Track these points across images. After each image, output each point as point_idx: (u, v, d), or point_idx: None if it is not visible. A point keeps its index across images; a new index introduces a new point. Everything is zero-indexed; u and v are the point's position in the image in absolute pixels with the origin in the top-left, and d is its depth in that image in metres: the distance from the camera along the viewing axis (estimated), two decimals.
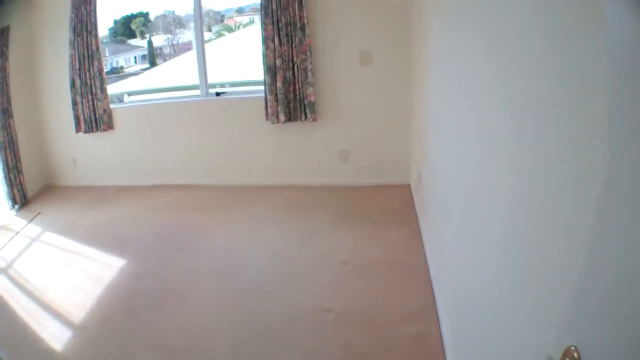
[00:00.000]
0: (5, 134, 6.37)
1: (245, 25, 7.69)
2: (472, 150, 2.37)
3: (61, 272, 4.68)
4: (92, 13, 5.98)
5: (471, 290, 2.34)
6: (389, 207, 5.05)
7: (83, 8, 5.92)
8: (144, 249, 4.82)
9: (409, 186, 5.42)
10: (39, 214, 6.25)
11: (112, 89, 8.40)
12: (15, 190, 6.54)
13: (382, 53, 5.19)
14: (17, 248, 5.53)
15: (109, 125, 6.33)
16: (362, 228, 4.66)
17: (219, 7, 7.85)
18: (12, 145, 6.47)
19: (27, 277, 4.76)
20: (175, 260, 4.52)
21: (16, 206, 6.51)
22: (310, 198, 5.43)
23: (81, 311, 3.98)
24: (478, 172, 2.24)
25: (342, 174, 5.62)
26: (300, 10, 5.01)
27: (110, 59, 9.47)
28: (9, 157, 6.43)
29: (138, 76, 9.24)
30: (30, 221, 6.08)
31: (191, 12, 5.89)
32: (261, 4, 5.13)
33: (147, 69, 9.42)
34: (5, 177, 6.42)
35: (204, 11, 6.04)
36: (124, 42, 9.34)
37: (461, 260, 2.61)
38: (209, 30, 8.04)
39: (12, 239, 5.75)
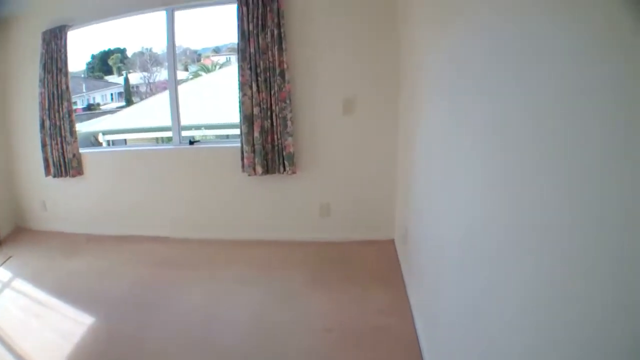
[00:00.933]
0: None
1: (222, 66, 7.49)
2: (471, 206, 2.13)
3: (31, 325, 4.38)
4: (63, 50, 5.74)
5: None
6: (372, 265, 4.74)
7: (54, 43, 5.71)
8: (115, 305, 4.52)
9: (393, 242, 5.12)
10: (10, 257, 5.98)
11: (87, 126, 8.14)
12: None
13: (366, 101, 4.92)
14: None
15: (78, 171, 6.06)
16: (345, 289, 4.33)
17: (196, 45, 7.62)
18: None
19: None
20: (148, 321, 4.21)
21: None
22: (289, 254, 5.08)
23: None
24: (479, 227, 2.00)
25: (322, 228, 5.28)
26: (280, 55, 4.72)
27: (86, 95, 9.22)
28: None
29: (114, 114, 9.02)
30: (1, 264, 5.81)
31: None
32: (238, 46, 4.84)
33: (123, 107, 9.19)
34: None
35: (180, 50, 5.75)
36: (101, 78, 9.07)
37: (460, 334, 2.30)
38: (186, 69, 7.83)
39: None
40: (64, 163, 6.03)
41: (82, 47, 6.16)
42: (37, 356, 3.87)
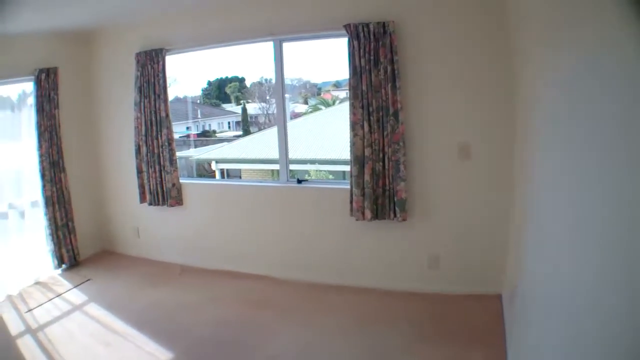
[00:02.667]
0: (55, 188, 6.21)
1: (342, 101, 7.34)
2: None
3: (97, 353, 4.28)
4: (161, 75, 5.70)
5: None
6: (475, 322, 4.31)
7: (150, 67, 5.71)
8: (197, 345, 4.29)
9: (500, 298, 4.64)
10: (88, 279, 5.98)
11: (200, 153, 8.23)
12: (64, 250, 6.34)
13: (481, 147, 4.55)
14: (54, 311, 5.23)
15: (177, 201, 6.00)
16: (444, 349, 3.94)
17: (317, 79, 7.52)
18: (62, 202, 6.30)
19: (56, 347, 4.41)
20: None
21: (63, 266, 6.33)
22: (391, 305, 4.76)
23: None
24: None
25: (428, 280, 4.90)
26: (394, 94, 4.47)
27: (201, 122, 9.38)
28: (57, 213, 6.25)
29: (230, 143, 9.08)
30: (77, 285, 5.81)
31: (289, 81, 5.46)
32: (349, 83, 4.65)
33: (239, 136, 9.25)
34: (52, 234, 6.23)
35: (300, 82, 5.62)
36: (217, 105, 9.20)
37: None
38: (306, 102, 7.76)
39: (51, 299, 5.49)
40: (161, 191, 6.01)
41: (194, 71, 6.15)
42: None
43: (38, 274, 6.15)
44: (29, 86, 5.99)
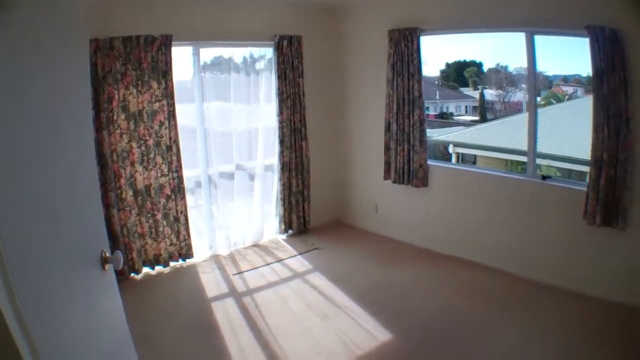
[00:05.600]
0: (294, 155, 6.49)
1: (570, 97, 6.95)
2: None
3: (310, 324, 4.36)
4: (415, 54, 5.73)
5: None
6: None
7: (403, 45, 5.76)
8: (417, 330, 4.27)
9: None
10: (316, 248, 6.13)
11: (438, 135, 8.32)
12: (294, 216, 6.64)
13: None
14: (269, 276, 5.40)
15: (423, 182, 6.04)
16: None
17: (549, 71, 7.15)
18: (300, 169, 6.58)
19: (263, 313, 4.56)
20: (447, 354, 3.91)
21: (290, 231, 6.65)
22: (617, 320, 4.39)
23: None
24: None
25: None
26: (626, 101, 4.42)
27: (439, 103, 9.42)
28: (293, 180, 6.54)
29: (468, 128, 9.02)
30: (302, 253, 5.96)
31: (522, 70, 5.38)
32: (592, 84, 4.62)
33: (476, 122, 9.15)
34: (284, 200, 6.51)
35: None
36: (455, 88, 9.18)
37: None
38: (538, 94, 7.44)
39: (269, 264, 5.69)
40: (408, 171, 6.04)
41: (434, 52, 6.18)
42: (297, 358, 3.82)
43: (258, 237, 6.51)
44: (268, 52, 6.35)
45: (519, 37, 5.20)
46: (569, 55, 5.96)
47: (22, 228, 1.50)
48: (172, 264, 5.91)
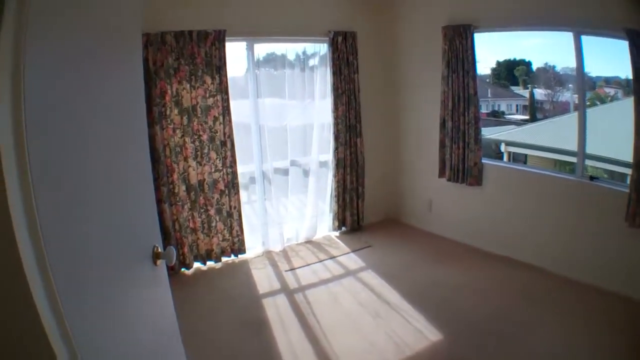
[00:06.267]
0: (349, 152, 6.50)
1: (612, 99, 6.81)
2: None
3: (361, 322, 4.39)
4: (470, 51, 5.73)
5: None
6: None
7: (457, 42, 5.76)
8: (467, 331, 4.23)
9: None
10: (369, 246, 6.15)
11: (490, 133, 8.26)
12: (348, 213, 6.67)
13: None
14: (321, 273, 5.43)
15: (477, 180, 6.03)
16: None
17: (593, 72, 6.99)
18: (354, 166, 6.61)
19: (314, 310, 4.61)
20: (497, 357, 3.85)
21: (343, 228, 6.68)
22: None
23: None
24: None
25: None
26: None
27: (491, 101, 9.31)
28: (347, 176, 6.58)
29: (520, 127, 8.92)
30: (355, 250, 5.98)
31: (568, 70, 5.31)
32: (634, 87, 4.54)
33: (526, 121, 9.02)
34: (338, 197, 6.55)
35: (575, 72, 5.35)
36: (506, 87, 9.05)
37: None
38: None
39: (322, 261, 5.73)
40: (462, 169, 6.03)
41: (486, 50, 6.10)
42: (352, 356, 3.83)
43: (311, 233, 6.58)
44: (322, 48, 6.41)
45: (566, 37, 5.17)
46: (608, 57, 5.84)
47: (72, 221, 1.50)
48: (224, 259, 6.02)
